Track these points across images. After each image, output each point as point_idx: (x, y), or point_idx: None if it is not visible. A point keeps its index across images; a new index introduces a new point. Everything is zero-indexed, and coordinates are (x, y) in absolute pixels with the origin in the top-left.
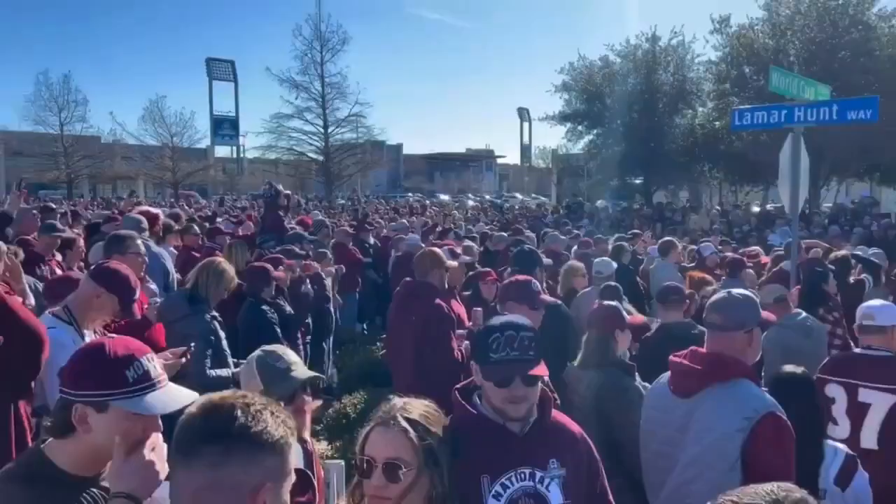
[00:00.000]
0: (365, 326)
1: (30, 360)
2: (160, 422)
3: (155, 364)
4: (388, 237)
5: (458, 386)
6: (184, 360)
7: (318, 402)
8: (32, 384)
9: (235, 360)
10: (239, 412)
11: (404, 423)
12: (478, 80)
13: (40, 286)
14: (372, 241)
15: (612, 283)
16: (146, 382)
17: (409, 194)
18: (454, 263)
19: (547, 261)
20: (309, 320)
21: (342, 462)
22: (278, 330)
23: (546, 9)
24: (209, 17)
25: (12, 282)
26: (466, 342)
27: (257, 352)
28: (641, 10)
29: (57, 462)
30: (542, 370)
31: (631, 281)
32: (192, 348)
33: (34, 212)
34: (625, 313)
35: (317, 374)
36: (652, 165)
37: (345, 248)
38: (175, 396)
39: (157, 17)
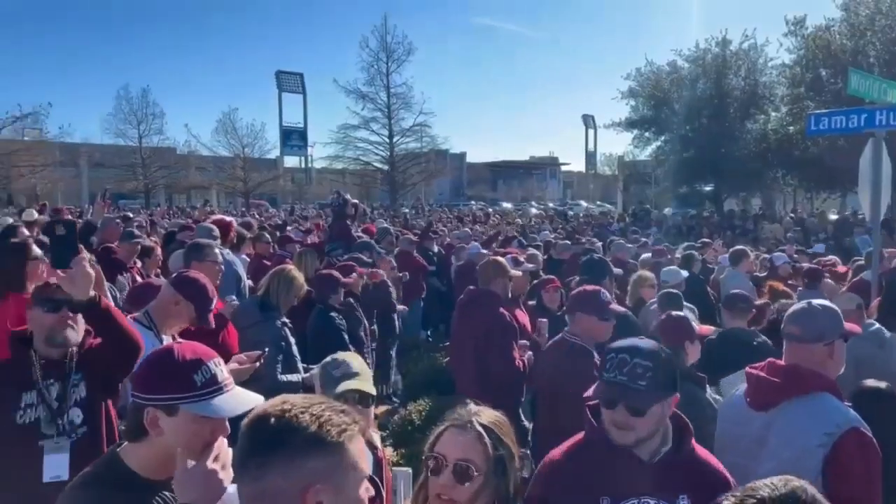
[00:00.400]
0: (429, 334)
1: (124, 362)
2: (227, 425)
3: (222, 368)
4: (452, 245)
5: (591, 401)
6: (257, 364)
7: (367, 412)
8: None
9: (305, 366)
10: (273, 420)
11: (479, 428)
12: (542, 88)
13: (117, 292)
14: (436, 248)
15: (673, 291)
16: (213, 386)
17: (472, 202)
18: (518, 272)
19: (617, 270)
20: (374, 327)
21: (409, 469)
22: (346, 336)
23: (611, 15)
24: (279, 32)
25: (95, 288)
26: (529, 353)
27: (327, 358)
28: (711, 14)
29: (131, 465)
30: (650, 402)
31: (701, 291)
32: (266, 353)
33: (117, 220)
34: (695, 324)
35: (358, 389)
36: (722, 172)
37: (409, 255)
38: (242, 400)
39: (230, 32)
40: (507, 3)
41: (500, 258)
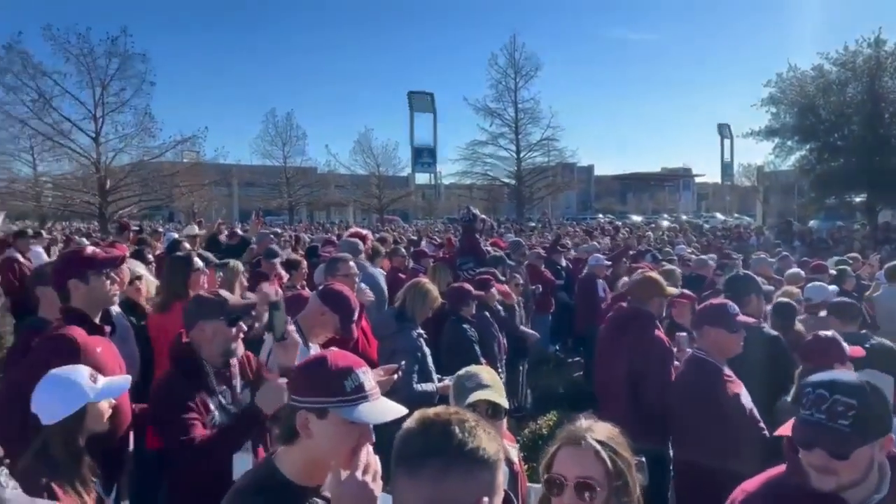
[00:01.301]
0: (557, 348)
1: None
2: (373, 434)
3: (369, 377)
4: (580, 259)
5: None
6: (395, 376)
7: (498, 424)
8: None
9: (438, 377)
10: (455, 428)
11: (595, 444)
12: (674, 98)
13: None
14: (563, 263)
15: (846, 302)
16: (361, 393)
17: (600, 215)
18: (674, 290)
19: (768, 287)
20: (504, 340)
21: (540, 485)
22: (477, 348)
23: (747, 21)
24: (411, 55)
25: None
26: None
27: (461, 370)
28: (861, 14)
29: (284, 472)
30: (855, 444)
31: None
32: (403, 366)
33: (271, 236)
34: (845, 345)
35: (489, 400)
36: (877, 182)
37: (537, 270)
38: (386, 409)
39: (366, 57)
40: (637, 12)
41: (656, 275)
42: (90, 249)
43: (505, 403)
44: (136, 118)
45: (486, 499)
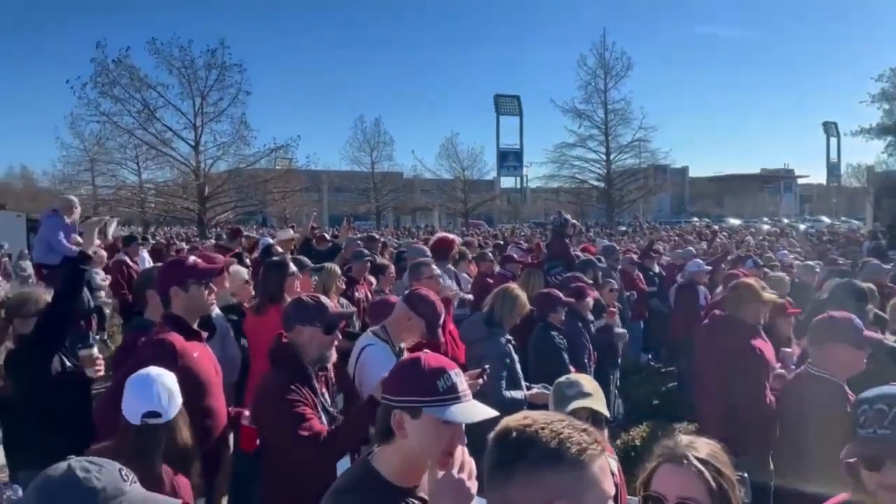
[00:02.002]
0: (650, 357)
1: None
2: (464, 435)
3: (461, 378)
4: (674, 265)
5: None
6: (480, 381)
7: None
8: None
9: (527, 384)
10: (515, 434)
11: (697, 463)
12: (774, 95)
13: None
14: (656, 269)
15: None
16: (453, 394)
17: (695, 219)
18: (773, 296)
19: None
20: (591, 347)
21: (637, 499)
22: (565, 355)
23: (851, 11)
24: (497, 58)
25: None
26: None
27: (562, 377)
28: None
29: (381, 471)
30: None
31: None
32: (487, 370)
33: (358, 241)
34: None
35: (590, 408)
36: None
37: (630, 276)
38: (476, 410)
39: (452, 62)
40: (732, 9)
41: (752, 281)
42: (192, 259)
43: (606, 412)
44: (233, 127)
45: (559, 500)
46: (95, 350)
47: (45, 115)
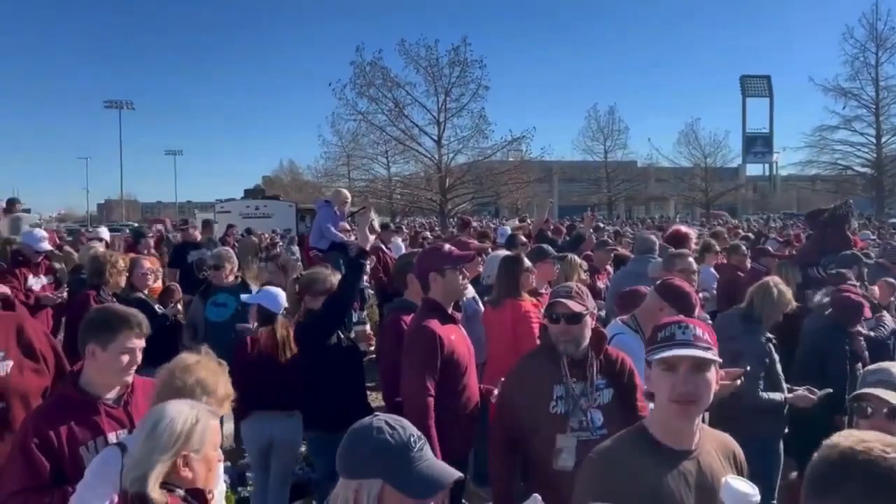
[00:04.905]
0: None
1: None
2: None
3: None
4: None
5: None
6: (738, 381)
7: None
8: None
9: (788, 386)
10: (878, 453)
11: None
12: None
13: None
14: None
15: None
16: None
17: None
18: None
19: None
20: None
21: None
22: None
23: None
24: (743, 37)
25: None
26: None
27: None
28: None
29: (654, 434)
30: None
31: None
32: (747, 370)
33: (592, 232)
34: None
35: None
36: None
37: None
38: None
39: (692, 43)
40: None
41: None
42: (447, 247)
43: None
44: (472, 121)
45: None
46: (368, 327)
47: (309, 115)
